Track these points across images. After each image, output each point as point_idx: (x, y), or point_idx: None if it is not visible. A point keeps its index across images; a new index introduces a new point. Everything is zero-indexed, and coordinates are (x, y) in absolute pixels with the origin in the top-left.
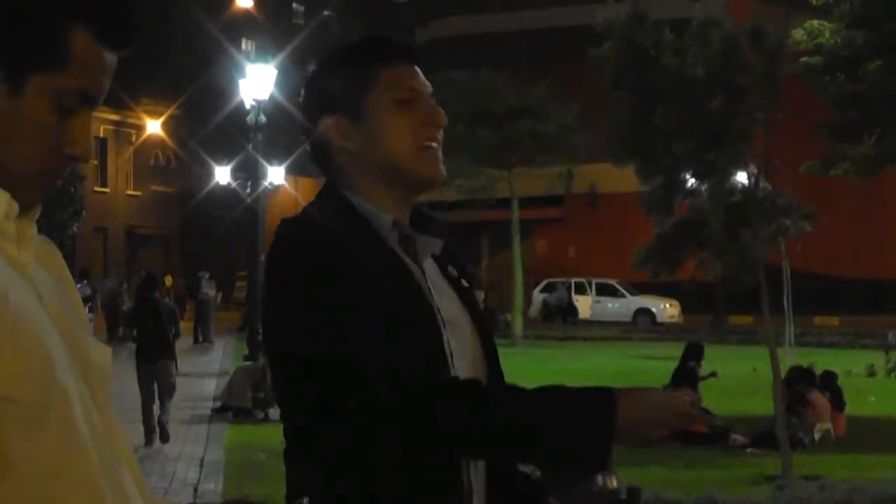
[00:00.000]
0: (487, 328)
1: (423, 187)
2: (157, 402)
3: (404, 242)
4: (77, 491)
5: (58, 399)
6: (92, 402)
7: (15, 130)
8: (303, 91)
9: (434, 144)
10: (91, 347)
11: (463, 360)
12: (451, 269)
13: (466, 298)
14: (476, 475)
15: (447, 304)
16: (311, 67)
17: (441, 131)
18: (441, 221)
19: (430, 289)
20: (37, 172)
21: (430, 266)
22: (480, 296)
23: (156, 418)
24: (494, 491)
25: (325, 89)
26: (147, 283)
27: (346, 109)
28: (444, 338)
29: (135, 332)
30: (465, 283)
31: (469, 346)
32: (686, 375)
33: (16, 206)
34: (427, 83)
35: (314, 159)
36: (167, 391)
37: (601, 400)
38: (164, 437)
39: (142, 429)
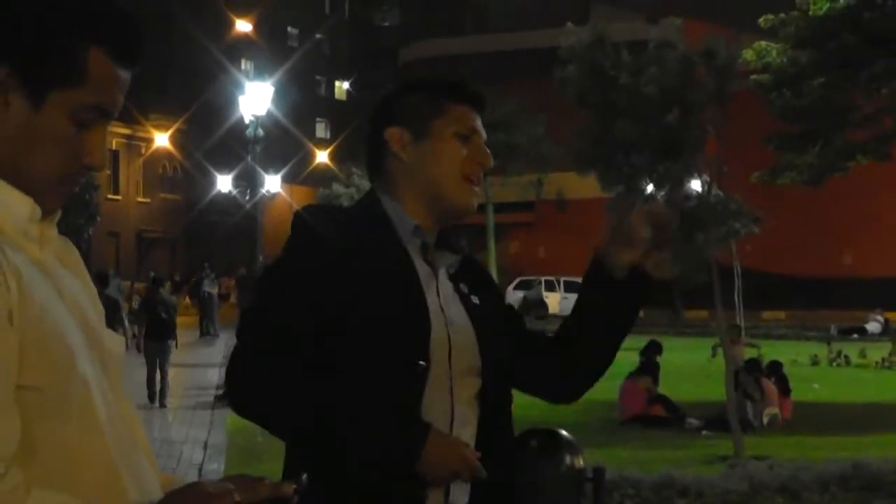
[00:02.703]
0: (489, 343)
1: (454, 214)
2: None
3: (423, 249)
4: (96, 473)
5: (78, 388)
6: (108, 387)
7: (36, 142)
8: (379, 102)
9: (475, 180)
10: (106, 337)
11: (462, 358)
12: (462, 285)
13: (473, 313)
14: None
15: (454, 311)
16: (392, 86)
17: (482, 172)
18: (458, 243)
19: (438, 291)
20: (57, 180)
21: (444, 275)
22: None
23: (158, 386)
24: None
25: (399, 105)
26: (154, 283)
27: (413, 126)
28: (433, 329)
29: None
30: (475, 300)
31: (470, 350)
32: (650, 367)
33: (38, 210)
34: (483, 130)
35: (368, 160)
36: (167, 364)
37: (414, 432)
38: (163, 402)
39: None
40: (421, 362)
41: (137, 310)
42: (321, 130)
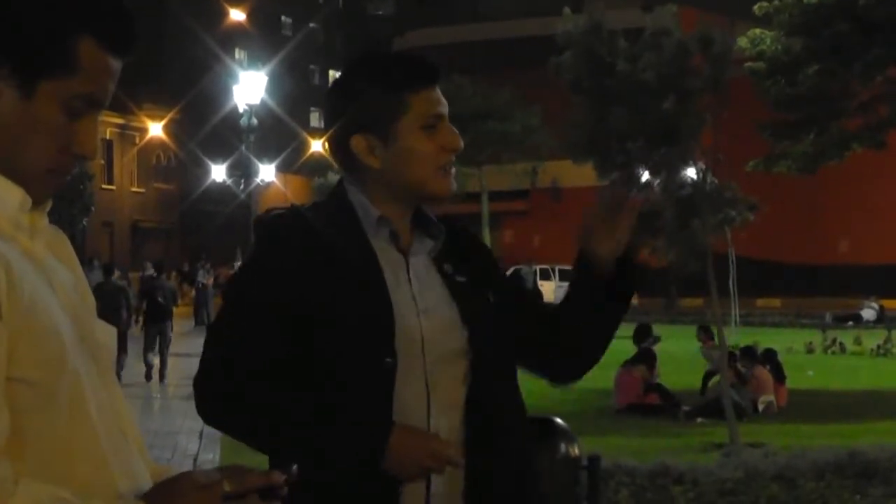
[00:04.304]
0: (477, 322)
1: (432, 202)
2: (157, 353)
3: (393, 238)
4: (86, 466)
5: (69, 380)
6: (99, 379)
7: (28, 132)
8: (333, 104)
9: (448, 167)
10: (97, 328)
11: (438, 345)
12: (446, 266)
13: (458, 293)
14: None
15: (430, 295)
16: (340, 77)
17: (454, 155)
18: (438, 225)
19: (409, 280)
20: (48, 170)
21: (421, 261)
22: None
23: (155, 363)
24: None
25: (359, 110)
26: (156, 270)
27: (378, 132)
28: (401, 321)
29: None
30: (460, 279)
31: (449, 335)
32: (646, 355)
33: (29, 200)
34: (445, 104)
35: (340, 166)
36: (166, 344)
37: (375, 432)
38: (162, 377)
39: (143, 368)
40: (387, 359)
41: (137, 296)
42: (315, 120)
